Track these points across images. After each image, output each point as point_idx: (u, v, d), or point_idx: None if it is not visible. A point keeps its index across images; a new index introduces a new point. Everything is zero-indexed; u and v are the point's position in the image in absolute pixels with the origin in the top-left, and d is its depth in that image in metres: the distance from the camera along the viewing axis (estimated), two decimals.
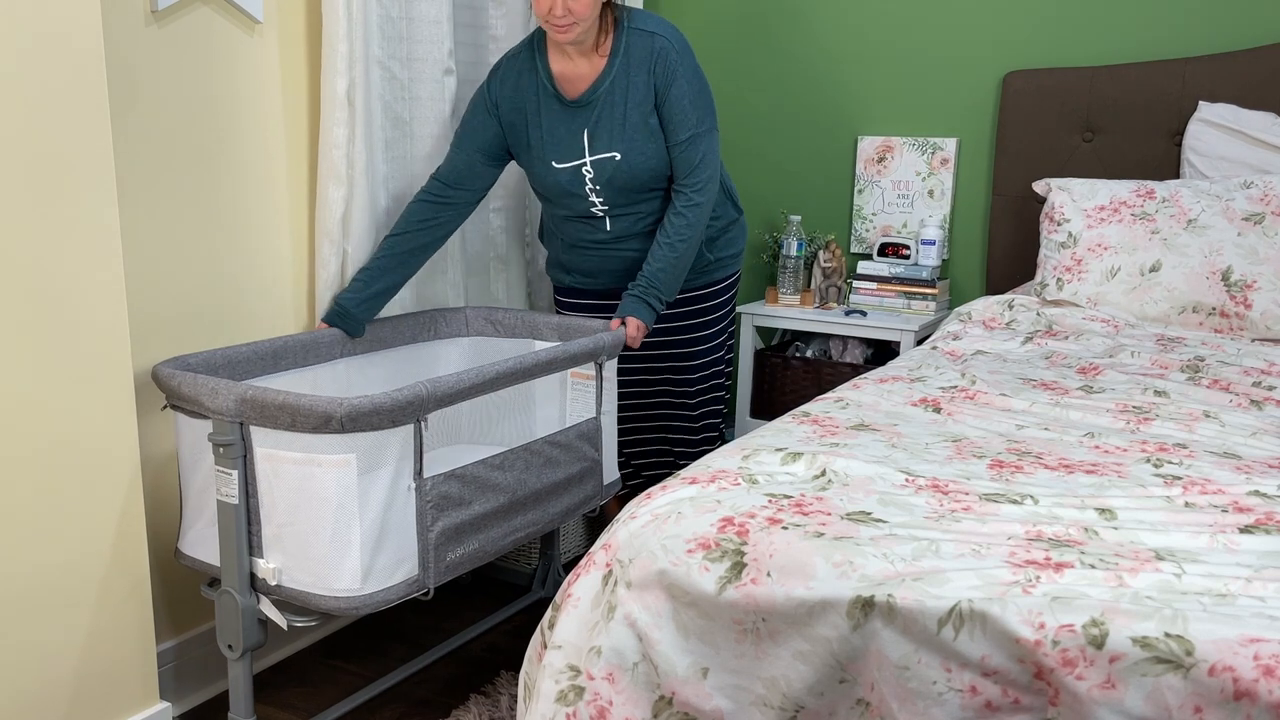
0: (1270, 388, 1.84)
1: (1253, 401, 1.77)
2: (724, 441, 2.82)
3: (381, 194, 2.38)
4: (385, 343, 2.33)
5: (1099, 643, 1.03)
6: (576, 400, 2.30)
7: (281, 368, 2.10)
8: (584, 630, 1.29)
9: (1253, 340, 2.20)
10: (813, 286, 3.07)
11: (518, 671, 2.24)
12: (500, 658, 2.38)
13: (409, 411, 1.72)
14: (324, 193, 2.27)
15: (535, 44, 2.30)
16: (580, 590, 1.32)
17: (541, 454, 2.05)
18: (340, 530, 1.69)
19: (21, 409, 1.66)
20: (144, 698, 1.91)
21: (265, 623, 1.84)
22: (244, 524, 1.77)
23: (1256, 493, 1.35)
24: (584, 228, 2.40)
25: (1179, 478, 1.41)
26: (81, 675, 1.80)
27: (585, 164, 2.29)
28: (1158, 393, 1.82)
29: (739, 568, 1.22)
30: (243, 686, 1.85)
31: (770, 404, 3.10)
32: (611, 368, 2.28)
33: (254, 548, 1.79)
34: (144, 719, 1.90)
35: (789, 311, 3.01)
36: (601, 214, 2.36)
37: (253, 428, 1.72)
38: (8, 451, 1.65)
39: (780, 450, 1.48)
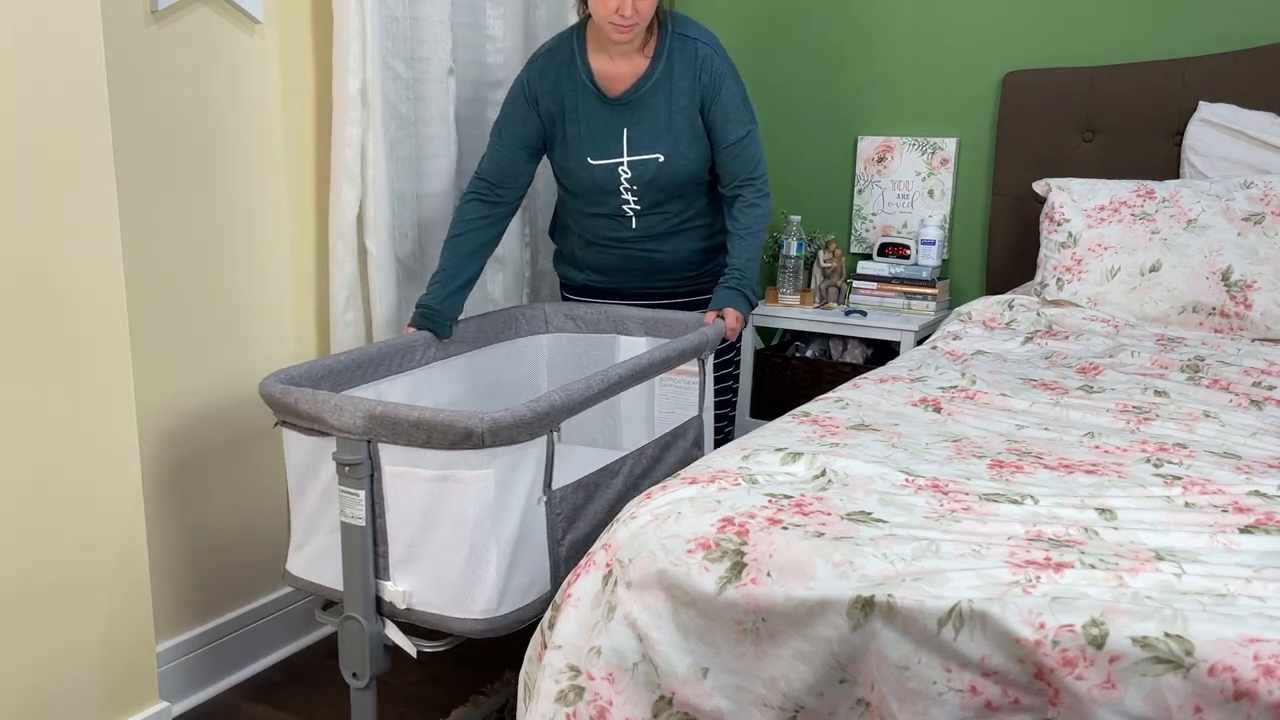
0: (1270, 388, 1.84)
1: (1253, 401, 1.77)
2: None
3: (390, 195, 2.38)
4: (469, 344, 2.27)
5: (1099, 643, 1.03)
6: (671, 397, 2.24)
7: (380, 375, 2.03)
8: (584, 630, 1.29)
9: (1253, 340, 2.20)
10: (813, 286, 3.07)
11: (518, 671, 2.24)
12: (500, 658, 2.38)
13: (546, 422, 1.64)
14: (337, 192, 2.26)
15: (576, 40, 2.29)
16: (580, 590, 1.32)
17: (651, 455, 1.99)
18: (478, 549, 1.60)
19: (21, 409, 1.66)
20: (144, 698, 1.91)
21: (390, 648, 1.74)
22: (370, 546, 1.67)
23: (1256, 493, 1.35)
24: (609, 224, 2.40)
25: (1179, 478, 1.41)
26: (81, 675, 1.80)
27: (623, 163, 2.30)
28: (1158, 393, 1.81)
29: (739, 568, 1.22)
30: (369, 716, 1.77)
31: (770, 404, 3.10)
32: (711, 363, 2.25)
33: (380, 570, 1.69)
34: (144, 719, 1.90)
35: (789, 311, 3.01)
36: (631, 213, 2.37)
37: (382, 445, 1.62)
38: (8, 451, 1.65)
39: (780, 450, 1.48)
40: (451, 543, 1.61)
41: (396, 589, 1.66)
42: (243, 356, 2.23)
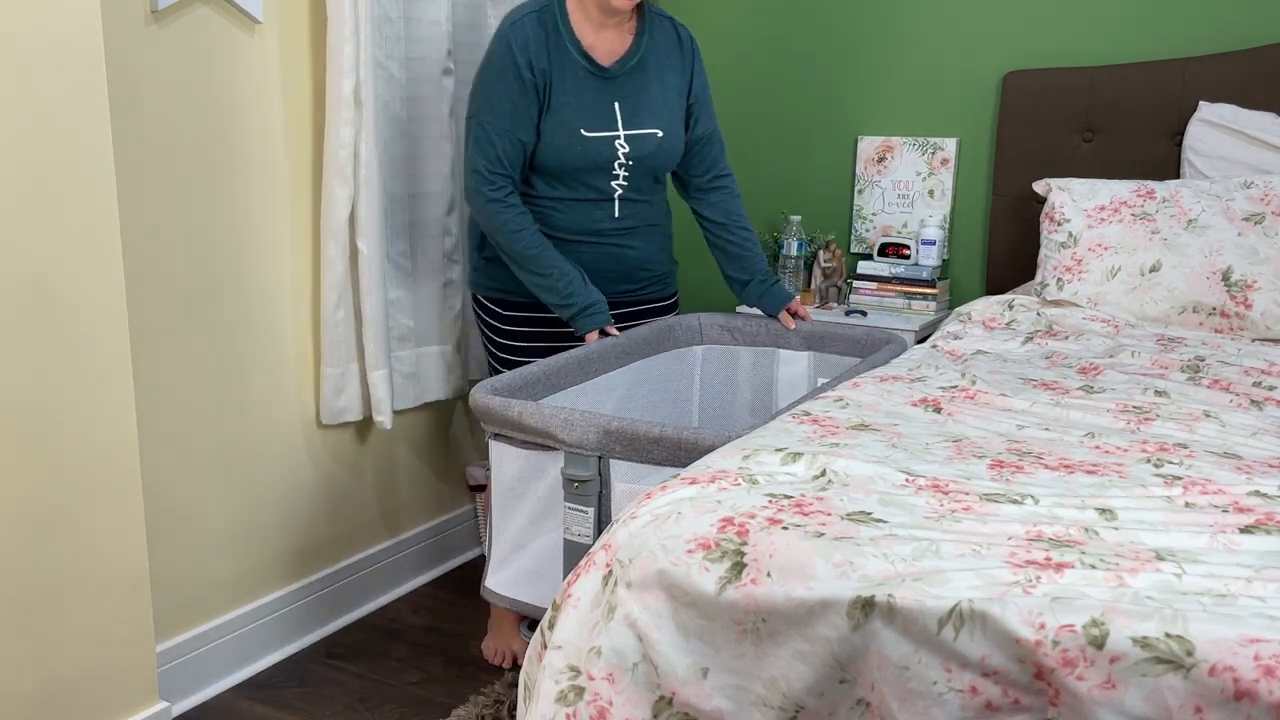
0: (1271, 388, 1.84)
1: (1253, 401, 1.77)
2: None
3: (382, 195, 2.38)
4: (631, 355, 2.21)
5: (1099, 643, 1.02)
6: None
7: (563, 387, 2.01)
8: (584, 630, 1.29)
9: (1253, 340, 2.20)
10: (813, 286, 3.07)
11: (518, 671, 2.23)
12: (501, 657, 2.38)
13: None
14: (329, 192, 2.27)
15: (559, 7, 2.16)
16: (580, 590, 1.32)
17: None
18: None
19: (21, 409, 1.66)
20: (144, 698, 1.91)
21: None
22: None
23: (1257, 493, 1.35)
24: (591, 213, 2.24)
25: (1179, 478, 1.40)
26: (81, 675, 1.80)
27: (620, 137, 2.18)
28: (1158, 393, 1.81)
29: (739, 568, 1.21)
30: None
31: None
32: None
33: None
34: (144, 719, 1.90)
35: None
36: (617, 197, 2.25)
37: (613, 461, 1.60)
38: (7, 451, 1.65)
39: (780, 450, 1.48)
40: None
41: None
42: (243, 356, 2.23)
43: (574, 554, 1.64)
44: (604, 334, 2.15)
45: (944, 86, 3.00)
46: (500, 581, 1.80)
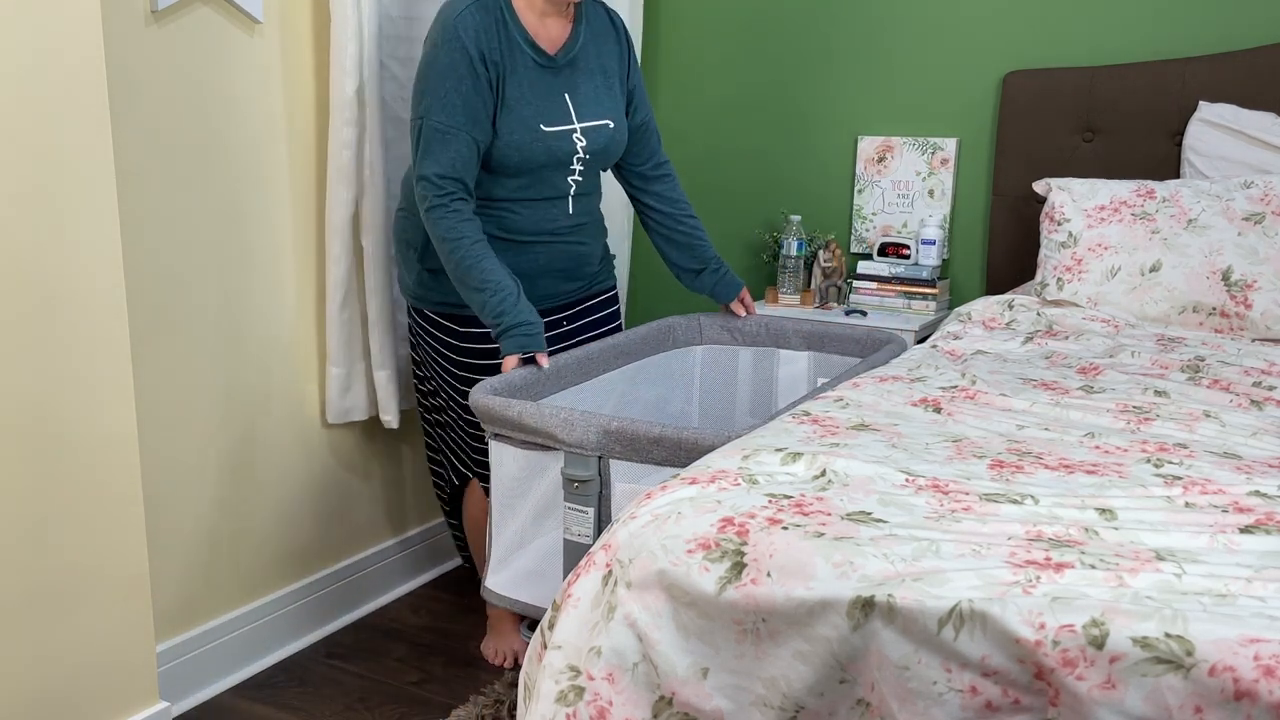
0: (1271, 388, 1.84)
1: (1253, 401, 1.77)
2: None
3: (385, 194, 2.38)
4: (631, 355, 2.20)
5: (1099, 643, 1.02)
6: None
7: (564, 385, 1.99)
8: (584, 630, 1.29)
9: (1253, 340, 2.20)
10: (813, 286, 3.07)
11: (518, 671, 2.23)
12: (501, 657, 2.38)
13: None
14: (333, 192, 2.27)
15: (503, 1, 2.02)
16: (580, 590, 1.32)
17: None
18: None
19: (21, 408, 1.66)
20: (144, 698, 1.91)
21: None
22: None
23: (1257, 493, 1.35)
24: (546, 211, 2.13)
25: (1179, 478, 1.40)
26: (81, 675, 1.80)
27: (576, 130, 2.07)
28: (1158, 393, 1.81)
29: (739, 568, 1.21)
30: None
31: None
32: None
33: None
34: (144, 719, 1.90)
35: (789, 311, 3.01)
36: (571, 194, 2.15)
37: (613, 461, 1.60)
38: (7, 451, 1.65)
39: (780, 450, 1.48)
40: None
41: None
42: (246, 356, 2.23)
43: (574, 554, 1.64)
44: (526, 363, 1.94)
45: (944, 86, 3.00)
46: (500, 582, 1.80)
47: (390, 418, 2.43)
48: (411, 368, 2.41)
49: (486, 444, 2.02)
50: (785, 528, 1.24)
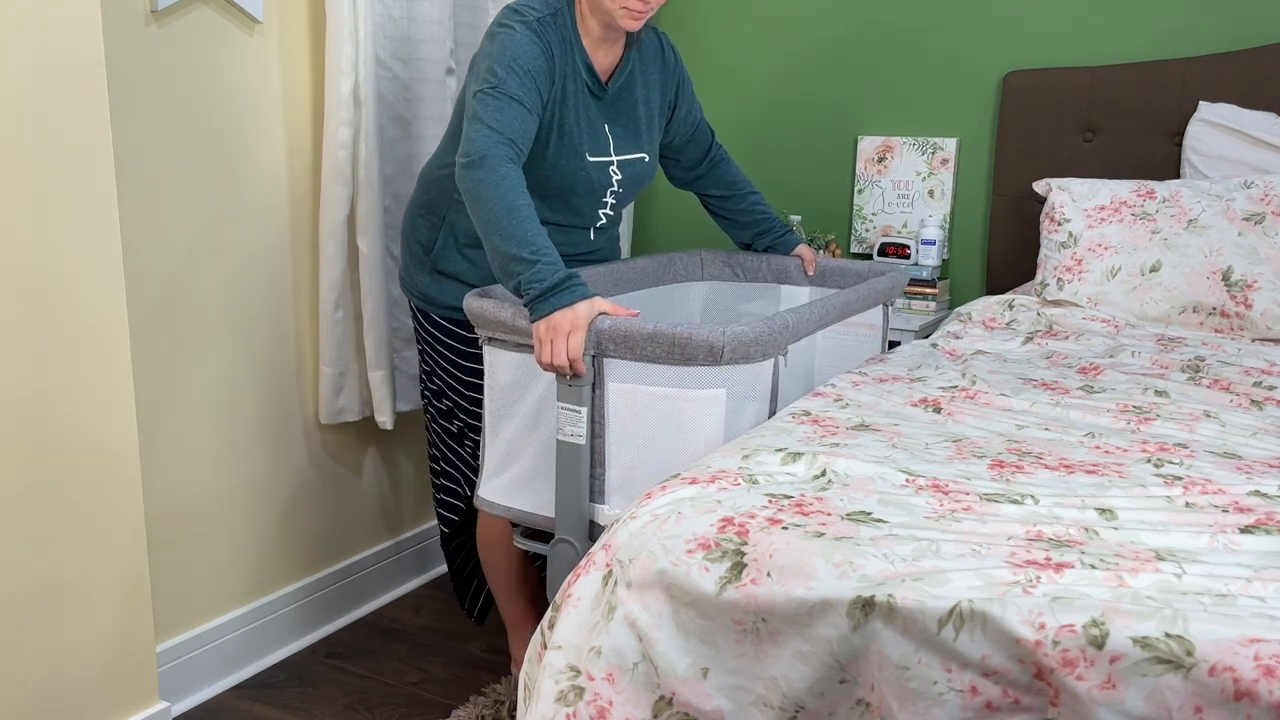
0: (1271, 388, 1.84)
1: (1253, 401, 1.77)
2: None
3: (384, 194, 2.38)
4: (631, 284, 2.15)
5: (1099, 643, 1.02)
6: (836, 352, 2.10)
7: None
8: (584, 630, 1.29)
9: (1253, 340, 2.20)
10: None
11: (518, 671, 2.23)
12: (500, 658, 2.38)
13: (779, 343, 1.58)
14: (328, 192, 2.27)
15: (569, 16, 1.93)
16: (580, 590, 1.32)
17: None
18: None
19: (21, 408, 1.66)
20: (144, 698, 1.91)
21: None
22: (588, 467, 1.60)
23: (1257, 493, 1.35)
24: (572, 238, 2.08)
25: (1179, 478, 1.40)
26: (81, 675, 1.80)
27: (613, 163, 2.03)
28: (1158, 393, 1.81)
29: (739, 568, 1.22)
30: None
31: None
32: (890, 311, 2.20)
33: (594, 494, 1.61)
34: (144, 719, 1.90)
35: None
36: (601, 223, 2.11)
37: (608, 361, 1.56)
38: (8, 451, 1.65)
39: (780, 450, 1.48)
40: (675, 465, 1.54)
41: (612, 512, 1.59)
42: (243, 355, 2.23)
43: (567, 455, 1.60)
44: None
45: (944, 86, 3.00)
46: (493, 489, 1.76)
47: (385, 419, 2.42)
48: (420, 373, 2.28)
49: None
50: (785, 528, 1.24)
